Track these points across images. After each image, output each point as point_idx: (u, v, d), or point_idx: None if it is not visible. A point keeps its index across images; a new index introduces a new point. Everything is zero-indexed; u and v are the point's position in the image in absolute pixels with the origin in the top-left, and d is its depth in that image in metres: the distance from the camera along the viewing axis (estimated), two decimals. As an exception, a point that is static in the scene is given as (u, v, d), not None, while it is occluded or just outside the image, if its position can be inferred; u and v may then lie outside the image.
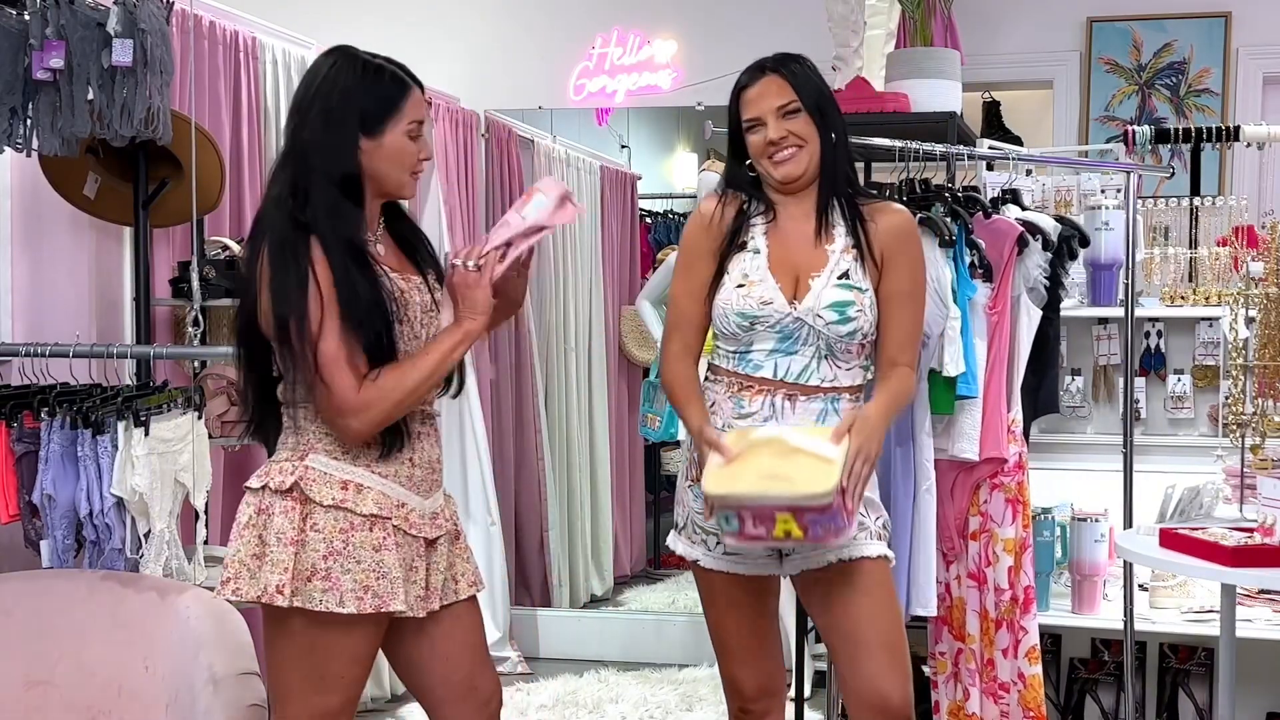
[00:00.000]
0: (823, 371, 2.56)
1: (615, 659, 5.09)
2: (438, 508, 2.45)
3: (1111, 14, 6.00)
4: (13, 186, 3.54)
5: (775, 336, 2.56)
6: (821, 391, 2.56)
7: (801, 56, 2.64)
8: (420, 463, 2.41)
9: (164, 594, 2.85)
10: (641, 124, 6.26)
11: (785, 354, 2.57)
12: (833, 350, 2.57)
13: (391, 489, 2.35)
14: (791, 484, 2.37)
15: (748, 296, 2.56)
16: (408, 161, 2.37)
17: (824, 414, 2.56)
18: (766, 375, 2.57)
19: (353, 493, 2.31)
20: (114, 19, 3.00)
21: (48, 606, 2.89)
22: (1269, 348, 3.31)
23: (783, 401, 2.56)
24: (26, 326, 3.54)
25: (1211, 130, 3.88)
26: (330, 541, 2.30)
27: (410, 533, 2.37)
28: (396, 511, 2.35)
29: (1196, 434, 4.16)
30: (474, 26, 5.85)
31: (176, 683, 2.73)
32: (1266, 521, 2.82)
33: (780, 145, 2.57)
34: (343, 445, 2.33)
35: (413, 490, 2.39)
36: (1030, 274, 3.41)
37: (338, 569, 2.29)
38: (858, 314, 2.55)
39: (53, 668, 2.84)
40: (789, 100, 2.57)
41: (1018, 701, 3.42)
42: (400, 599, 2.31)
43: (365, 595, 2.29)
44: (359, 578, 2.30)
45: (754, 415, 2.56)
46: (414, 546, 2.38)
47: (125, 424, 2.97)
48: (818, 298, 2.55)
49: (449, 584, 2.47)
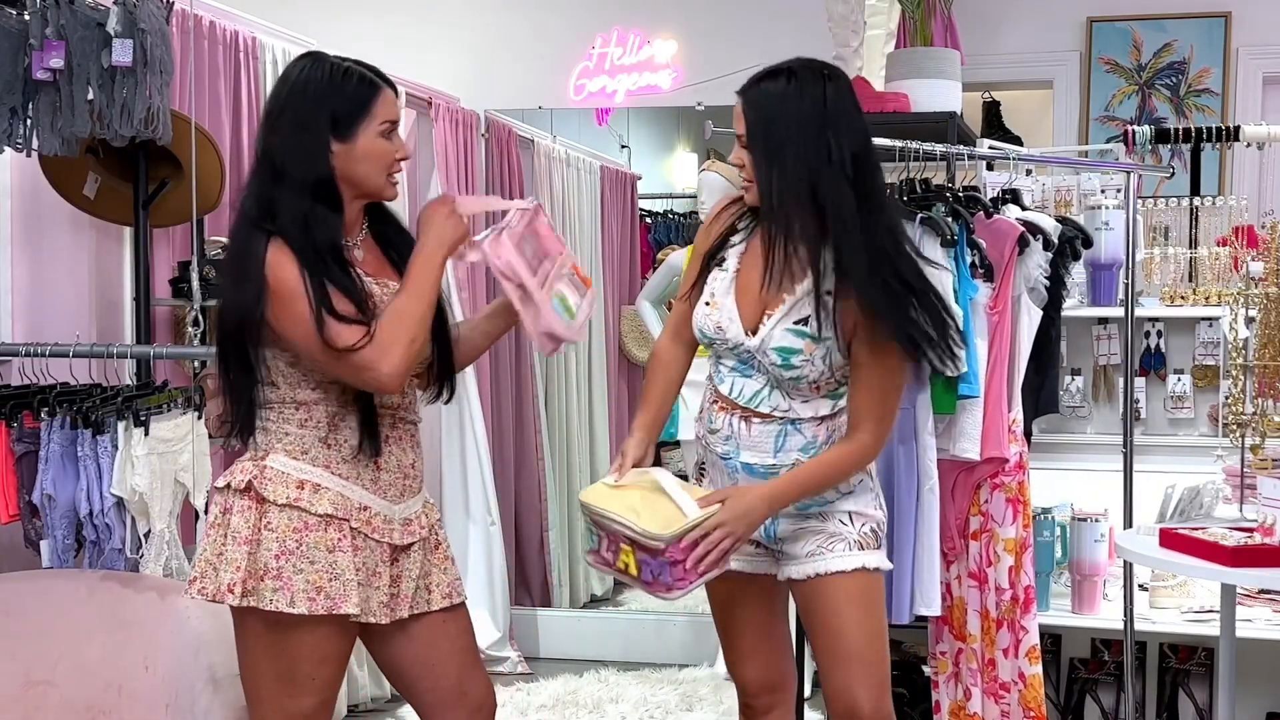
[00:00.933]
0: (774, 400, 2.49)
1: (615, 659, 5.09)
2: (411, 514, 2.43)
3: (1111, 14, 6.00)
4: (13, 186, 3.54)
5: (734, 357, 2.52)
6: (774, 419, 2.49)
7: (793, 71, 2.41)
8: (389, 467, 2.39)
9: (164, 594, 2.85)
10: (641, 124, 6.26)
11: (742, 375, 2.52)
12: (781, 386, 2.49)
13: (352, 491, 2.35)
14: (637, 518, 2.39)
15: (708, 318, 2.52)
16: (383, 162, 2.36)
17: (782, 435, 2.49)
18: (724, 392, 2.54)
19: (308, 492, 2.31)
20: (114, 19, 3.00)
21: (48, 606, 2.89)
22: (1269, 348, 3.31)
23: (739, 422, 2.51)
24: (26, 326, 3.54)
25: (1211, 130, 3.88)
26: (283, 541, 2.30)
27: (372, 537, 2.35)
28: (356, 514, 2.34)
29: (1196, 434, 4.16)
30: (474, 26, 5.85)
31: (176, 683, 2.73)
32: (1266, 521, 2.82)
33: (743, 170, 2.46)
34: (302, 445, 2.34)
35: (378, 494, 2.37)
36: (1031, 274, 3.41)
37: (289, 568, 2.29)
38: (803, 363, 2.43)
39: (53, 668, 2.84)
40: (741, 132, 2.45)
41: (1018, 701, 3.42)
42: (353, 602, 2.30)
43: (318, 596, 2.29)
44: (311, 578, 2.29)
45: (718, 432, 2.55)
46: (377, 551, 2.37)
47: (125, 424, 2.98)
48: (767, 337, 2.45)
49: (421, 592, 2.45)
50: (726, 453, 2.54)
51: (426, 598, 2.46)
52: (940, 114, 4.33)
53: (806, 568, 2.54)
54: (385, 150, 2.35)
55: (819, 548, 2.55)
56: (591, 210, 5.92)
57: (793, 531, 2.57)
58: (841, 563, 2.53)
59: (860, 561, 2.54)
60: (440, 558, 2.50)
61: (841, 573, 2.53)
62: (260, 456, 2.35)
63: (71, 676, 2.83)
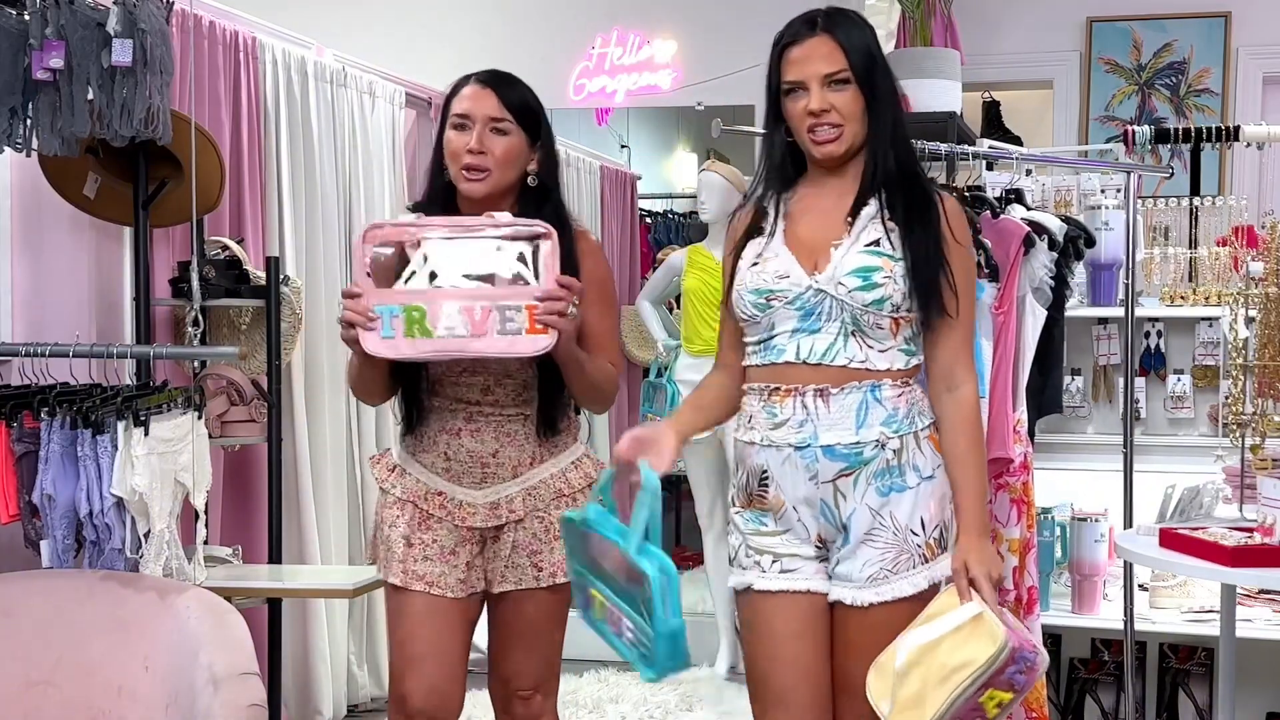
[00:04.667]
0: (850, 350, 2.29)
1: (615, 659, 5.08)
2: (499, 499, 2.59)
3: (1111, 14, 6.01)
4: (13, 186, 3.53)
5: (796, 314, 2.31)
6: (855, 377, 2.29)
7: (857, 15, 2.36)
8: (457, 456, 2.58)
9: (164, 594, 2.84)
10: (641, 124, 6.26)
11: (808, 333, 2.31)
12: (860, 325, 2.29)
13: (428, 477, 2.60)
14: (972, 663, 2.17)
15: (762, 273, 2.32)
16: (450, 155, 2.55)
17: (863, 407, 2.30)
18: (790, 359, 2.31)
19: (396, 476, 2.66)
20: (114, 19, 3.00)
21: (48, 606, 2.88)
22: (1269, 348, 3.30)
23: (814, 401, 2.30)
24: (26, 326, 3.54)
25: (1211, 130, 3.88)
26: (378, 517, 2.71)
27: (447, 520, 2.59)
28: (428, 498, 2.60)
29: (1196, 434, 4.16)
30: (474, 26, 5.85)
31: (176, 683, 2.73)
32: (1266, 521, 2.82)
33: (820, 119, 2.30)
34: (400, 436, 2.71)
35: (451, 481, 2.59)
36: (1036, 274, 3.41)
37: (379, 541, 2.72)
38: (885, 280, 2.28)
39: (53, 668, 2.84)
40: (839, 68, 2.29)
41: (1020, 701, 3.42)
42: (395, 572, 2.61)
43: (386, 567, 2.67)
44: (381, 551, 2.69)
45: (788, 423, 2.32)
46: (456, 532, 2.59)
47: (125, 424, 2.97)
48: (839, 264, 2.29)
49: (524, 570, 2.63)
50: (803, 440, 2.31)
51: (535, 575, 2.62)
52: (940, 114, 4.34)
53: (865, 593, 2.32)
54: (452, 142, 2.52)
55: (882, 570, 2.32)
56: (591, 210, 5.92)
57: (867, 535, 2.33)
58: (906, 585, 2.32)
59: (929, 579, 2.33)
60: (551, 538, 2.60)
61: (903, 599, 2.31)
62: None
63: (71, 676, 2.83)
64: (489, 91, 2.52)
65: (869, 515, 2.33)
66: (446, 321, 2.37)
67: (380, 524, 2.65)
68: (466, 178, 2.50)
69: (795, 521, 2.37)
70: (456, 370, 2.55)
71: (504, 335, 2.38)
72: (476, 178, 2.50)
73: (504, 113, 2.51)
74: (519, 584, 2.62)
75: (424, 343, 2.38)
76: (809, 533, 2.37)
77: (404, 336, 2.38)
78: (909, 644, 2.25)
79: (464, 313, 2.38)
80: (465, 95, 2.53)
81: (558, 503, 2.60)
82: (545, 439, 2.60)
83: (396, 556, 2.59)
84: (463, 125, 2.51)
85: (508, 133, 2.52)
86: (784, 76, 2.34)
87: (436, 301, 2.38)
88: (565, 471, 2.63)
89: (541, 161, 2.58)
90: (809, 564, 2.38)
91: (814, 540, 2.38)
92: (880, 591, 2.32)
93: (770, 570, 2.38)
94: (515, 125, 2.53)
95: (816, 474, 2.32)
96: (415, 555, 2.58)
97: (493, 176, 2.51)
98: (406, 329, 2.37)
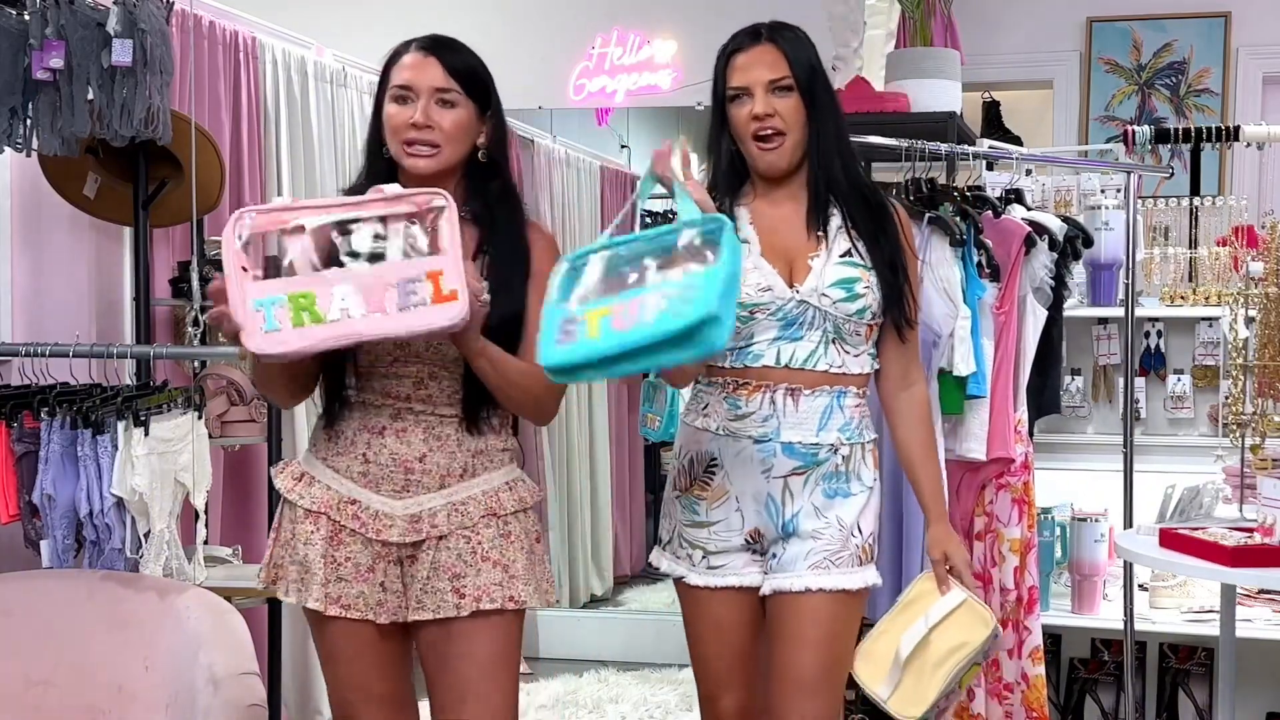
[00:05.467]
0: (830, 356, 2.39)
1: (615, 659, 5.09)
2: (420, 511, 2.29)
3: (1111, 14, 6.01)
4: (13, 186, 3.53)
5: (778, 324, 2.39)
6: (827, 382, 2.39)
7: (798, 28, 2.45)
8: (378, 460, 2.29)
9: (164, 594, 2.84)
10: (641, 124, 6.26)
11: (789, 340, 2.39)
12: (841, 333, 2.40)
13: (341, 484, 2.32)
14: (966, 645, 2.43)
15: (744, 285, 2.35)
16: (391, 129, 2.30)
17: (827, 411, 2.40)
18: (769, 364, 2.39)
19: (303, 485, 2.37)
20: (114, 19, 3.00)
21: (48, 606, 2.88)
22: (1269, 348, 3.30)
23: (784, 398, 2.39)
24: (26, 326, 3.54)
25: (1211, 130, 3.88)
26: (280, 532, 2.40)
27: (360, 532, 2.30)
28: (340, 508, 2.32)
29: (1196, 434, 4.16)
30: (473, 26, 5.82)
31: (176, 683, 2.72)
32: (1266, 521, 2.82)
33: (764, 123, 2.38)
34: (313, 435, 2.41)
35: (368, 488, 2.30)
36: (1036, 274, 3.41)
37: (286, 559, 2.40)
38: (865, 290, 2.39)
39: (53, 668, 2.84)
40: (782, 75, 2.38)
41: (1021, 702, 3.42)
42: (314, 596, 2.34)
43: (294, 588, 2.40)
44: (297, 570, 2.38)
45: (751, 416, 2.40)
46: (369, 547, 2.31)
47: (125, 424, 2.97)
48: (820, 276, 2.38)
49: (442, 595, 2.31)
50: (764, 434, 2.40)
51: (456, 602, 2.27)
52: (940, 114, 4.33)
53: (806, 579, 2.39)
54: (393, 116, 2.28)
55: (825, 559, 2.40)
56: (591, 210, 5.92)
57: (812, 531, 2.42)
58: (847, 579, 2.41)
59: (864, 580, 2.43)
60: (478, 560, 2.29)
61: (842, 592, 2.40)
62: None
63: (71, 676, 2.83)
64: (433, 60, 2.28)
65: (814, 514, 2.42)
66: (340, 304, 2.09)
67: (290, 541, 2.33)
68: (410, 153, 2.26)
69: (733, 512, 2.44)
70: (387, 360, 2.28)
71: (408, 310, 2.10)
72: (423, 153, 2.25)
73: (450, 82, 2.28)
74: (437, 611, 2.28)
75: (316, 330, 2.09)
76: (743, 525, 2.45)
77: (292, 328, 2.09)
78: (910, 638, 2.41)
79: (360, 292, 2.10)
80: (406, 64, 2.29)
81: (487, 522, 2.29)
82: (474, 442, 2.30)
83: (318, 579, 2.29)
84: (405, 97, 2.27)
85: (455, 104, 2.28)
86: (729, 82, 2.43)
87: (326, 284, 2.10)
88: (498, 491, 2.32)
89: (491, 134, 2.35)
90: (737, 557, 2.46)
91: (746, 534, 2.45)
92: (821, 580, 2.39)
93: (699, 565, 2.47)
94: (463, 95, 2.29)
95: (771, 469, 2.41)
96: (330, 575, 2.30)
97: (443, 153, 2.27)
98: (294, 318, 2.08)
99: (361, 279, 2.10)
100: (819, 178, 2.43)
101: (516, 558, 2.31)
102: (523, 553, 2.32)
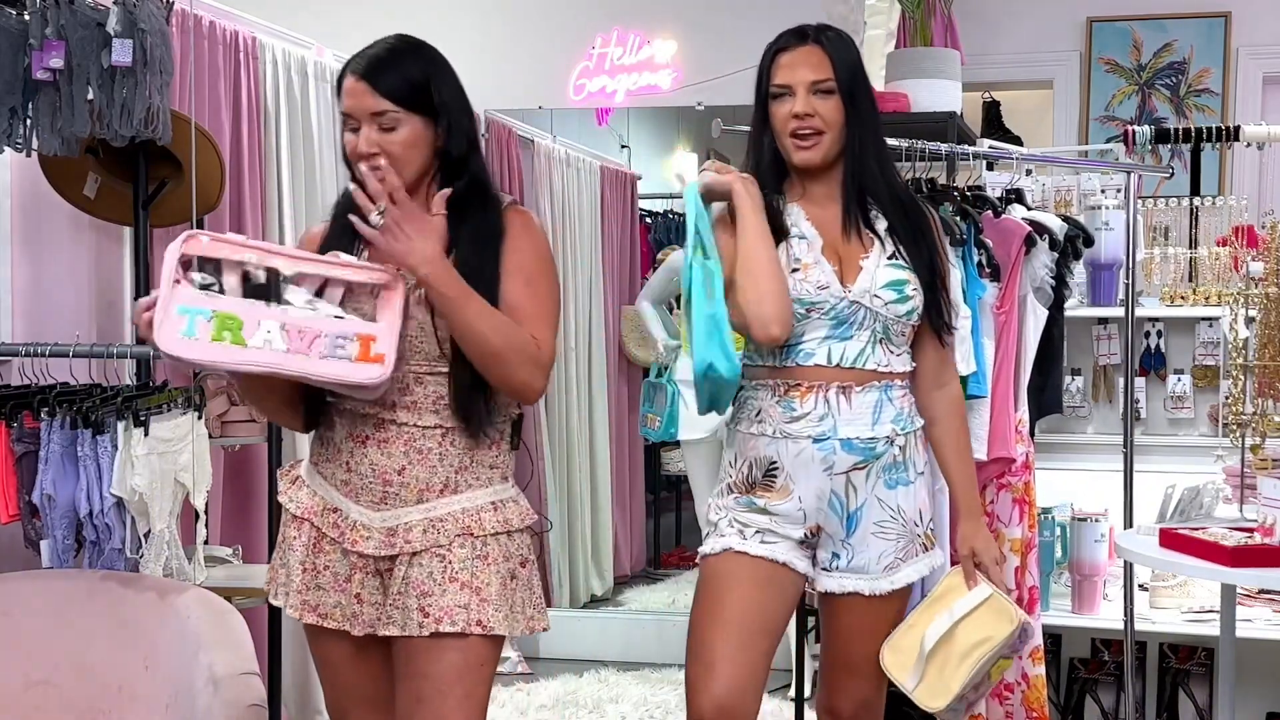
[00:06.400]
0: (878, 356, 2.46)
1: (615, 659, 5.09)
2: (396, 524, 2.25)
3: (1111, 14, 6.01)
4: (13, 186, 3.53)
5: (829, 323, 2.45)
6: (876, 378, 2.46)
7: (843, 31, 2.53)
8: (359, 470, 2.26)
9: (164, 594, 2.84)
10: (641, 124, 6.26)
11: (839, 339, 2.45)
12: (889, 333, 2.47)
13: (327, 491, 2.30)
14: (990, 640, 2.50)
15: (804, 281, 2.43)
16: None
17: (879, 405, 2.45)
18: (820, 362, 2.44)
19: (295, 489, 2.37)
20: (114, 19, 3.00)
21: (48, 606, 2.88)
22: (1269, 348, 3.30)
23: (836, 397, 2.44)
24: (26, 326, 3.54)
25: (1211, 130, 3.89)
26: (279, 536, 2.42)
27: (339, 541, 2.28)
28: (323, 515, 2.31)
29: (1196, 434, 4.16)
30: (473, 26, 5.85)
31: (176, 683, 2.72)
32: (1266, 521, 2.82)
33: (804, 122, 2.44)
34: (310, 442, 2.40)
35: (349, 497, 2.27)
36: (1037, 274, 3.41)
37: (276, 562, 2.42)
38: (914, 292, 2.47)
39: (53, 668, 2.84)
40: (825, 77, 2.44)
41: (1021, 702, 3.43)
42: (293, 602, 2.35)
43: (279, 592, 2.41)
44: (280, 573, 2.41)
45: (807, 416, 2.44)
46: (348, 557, 2.28)
47: (125, 424, 2.97)
48: (873, 278, 2.46)
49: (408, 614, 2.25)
50: (822, 433, 2.44)
51: (420, 620, 2.21)
52: (940, 114, 4.34)
53: (882, 583, 2.50)
54: (348, 144, 2.23)
55: (895, 559, 2.51)
56: (591, 210, 5.92)
57: (878, 525, 2.50)
58: (914, 571, 2.55)
59: (930, 565, 2.58)
60: (446, 580, 2.22)
61: (909, 585, 2.55)
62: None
63: (71, 676, 2.83)
64: (364, 85, 2.20)
65: (879, 507, 2.48)
66: (265, 335, 2.10)
67: (281, 544, 2.35)
68: (371, 176, 2.17)
69: (795, 510, 2.48)
70: None
71: (329, 359, 2.12)
72: (380, 176, 2.16)
73: (385, 104, 2.19)
74: (403, 628, 2.22)
75: (234, 350, 2.09)
76: (805, 520, 2.49)
77: (210, 341, 2.09)
78: (935, 631, 2.50)
79: (286, 331, 2.11)
80: (345, 90, 2.22)
81: (462, 542, 2.22)
82: (458, 457, 2.24)
83: (295, 586, 2.30)
84: (352, 126, 2.22)
85: (397, 124, 2.20)
86: (773, 80, 2.49)
87: (255, 314, 2.11)
88: (480, 510, 2.25)
89: (447, 136, 2.25)
90: (789, 544, 2.48)
91: (807, 529, 2.50)
92: (895, 580, 2.51)
93: (751, 539, 2.48)
94: (404, 112, 2.21)
95: (832, 465, 2.46)
96: (309, 583, 2.29)
97: (399, 173, 2.18)
98: (215, 334, 2.08)
99: (293, 320, 2.12)
100: (854, 179, 2.49)
101: (490, 581, 2.23)
102: (498, 576, 2.24)
